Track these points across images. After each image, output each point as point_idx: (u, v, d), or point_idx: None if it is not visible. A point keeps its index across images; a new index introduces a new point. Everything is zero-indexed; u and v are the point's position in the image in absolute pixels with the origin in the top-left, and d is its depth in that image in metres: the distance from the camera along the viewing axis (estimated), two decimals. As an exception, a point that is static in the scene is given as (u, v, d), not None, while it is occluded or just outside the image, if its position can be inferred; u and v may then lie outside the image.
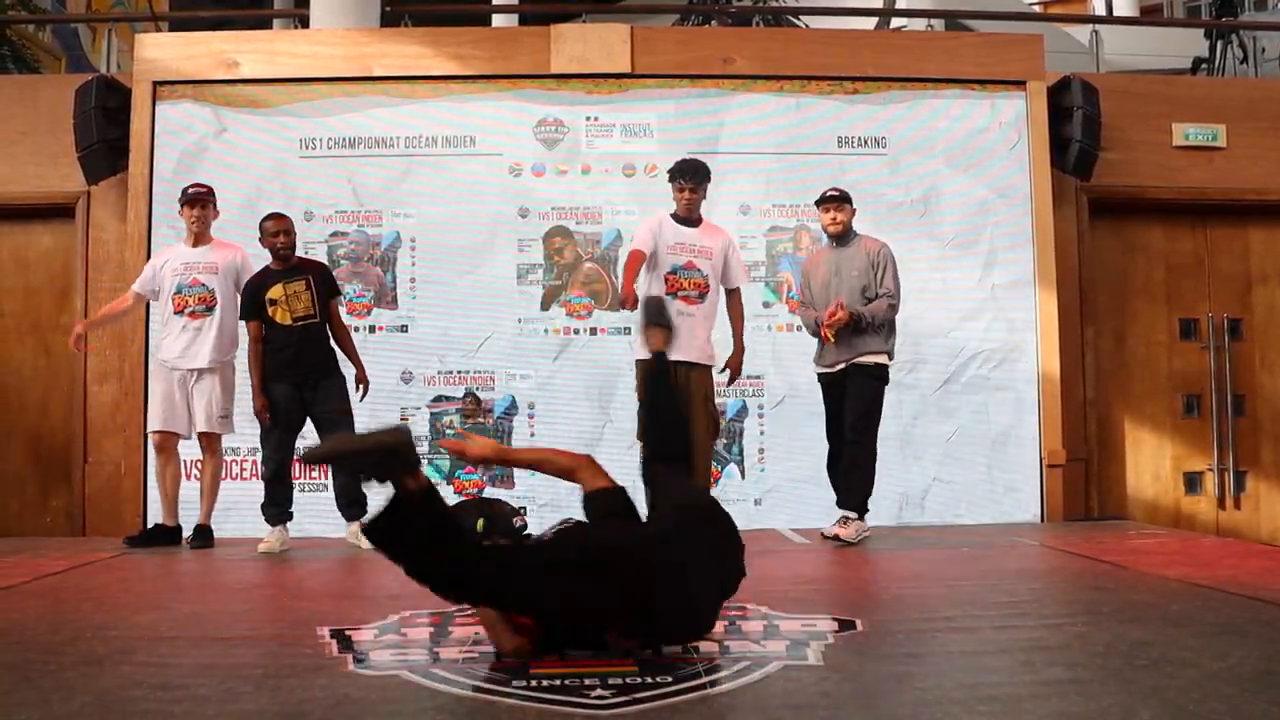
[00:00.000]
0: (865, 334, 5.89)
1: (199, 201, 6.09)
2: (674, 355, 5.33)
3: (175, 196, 6.61)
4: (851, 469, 5.92)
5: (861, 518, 5.90)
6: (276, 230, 5.97)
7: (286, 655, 3.05)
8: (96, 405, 7.23)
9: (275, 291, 5.91)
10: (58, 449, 7.41)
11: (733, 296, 5.99)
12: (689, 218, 5.90)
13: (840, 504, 5.96)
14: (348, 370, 6.05)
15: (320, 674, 2.78)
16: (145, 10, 10.47)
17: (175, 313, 6.01)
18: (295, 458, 6.04)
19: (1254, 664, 2.77)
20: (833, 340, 5.86)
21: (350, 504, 5.92)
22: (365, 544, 5.72)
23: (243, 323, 6.02)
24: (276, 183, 7.11)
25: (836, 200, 6.07)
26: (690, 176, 5.89)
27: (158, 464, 6.09)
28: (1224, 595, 3.86)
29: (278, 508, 5.92)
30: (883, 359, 5.94)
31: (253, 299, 5.95)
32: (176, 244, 6.26)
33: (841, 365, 5.94)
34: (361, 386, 6.03)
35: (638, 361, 5.61)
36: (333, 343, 6.03)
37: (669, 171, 5.99)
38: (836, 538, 5.82)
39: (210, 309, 6.00)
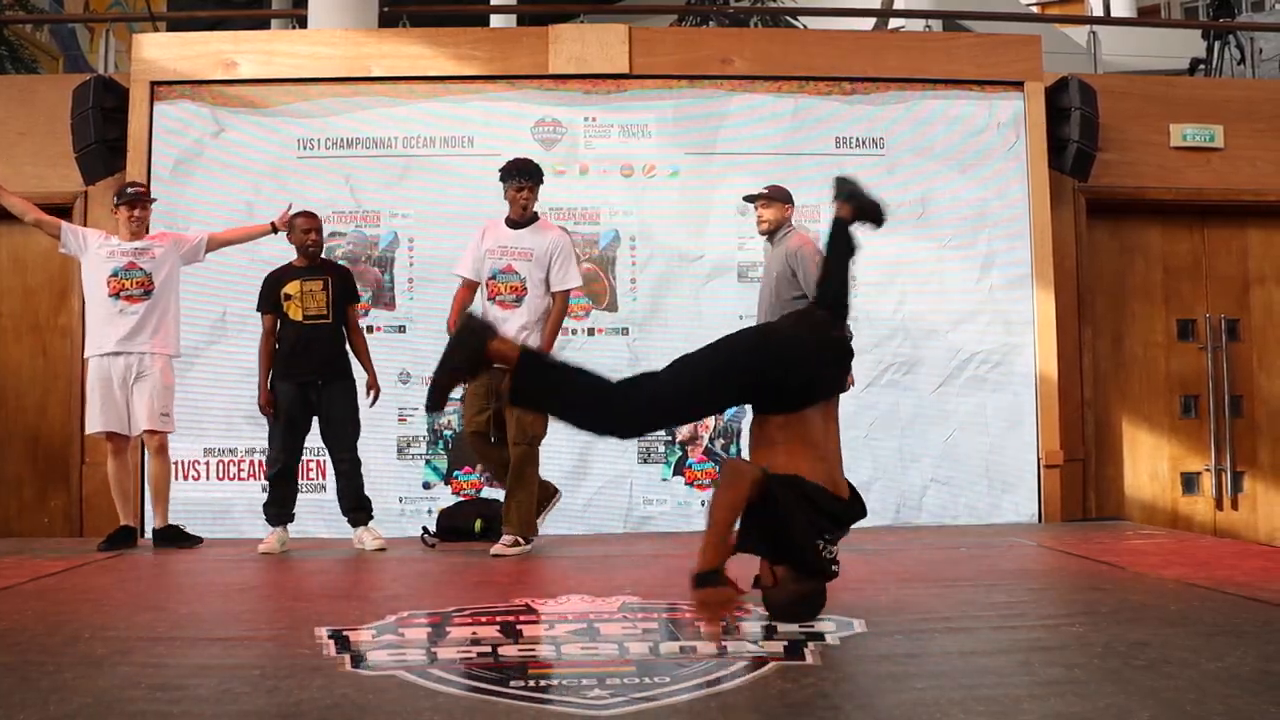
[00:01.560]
0: None
1: (140, 203, 6.03)
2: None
3: (174, 197, 6.64)
4: None
5: None
6: (308, 228, 5.96)
7: (284, 656, 3.05)
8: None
9: (292, 287, 5.88)
10: (56, 450, 7.40)
11: (557, 299, 5.83)
12: (521, 219, 5.82)
13: None
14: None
15: (318, 674, 2.78)
16: (143, 10, 10.47)
17: (110, 295, 5.86)
18: (302, 459, 6.00)
19: (1252, 664, 2.77)
20: None
21: (354, 509, 5.90)
22: (370, 546, 5.75)
23: (258, 314, 5.97)
24: (274, 183, 7.10)
25: (760, 198, 6.02)
26: (528, 176, 5.83)
27: (113, 466, 5.96)
28: (1221, 595, 3.86)
29: (279, 508, 5.87)
30: None
31: (269, 292, 5.93)
32: (103, 233, 6.10)
33: None
34: (372, 393, 5.97)
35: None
36: (346, 347, 5.97)
37: (500, 171, 5.91)
38: None
39: (148, 293, 5.89)
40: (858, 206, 3.91)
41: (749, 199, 6.11)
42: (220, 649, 3.22)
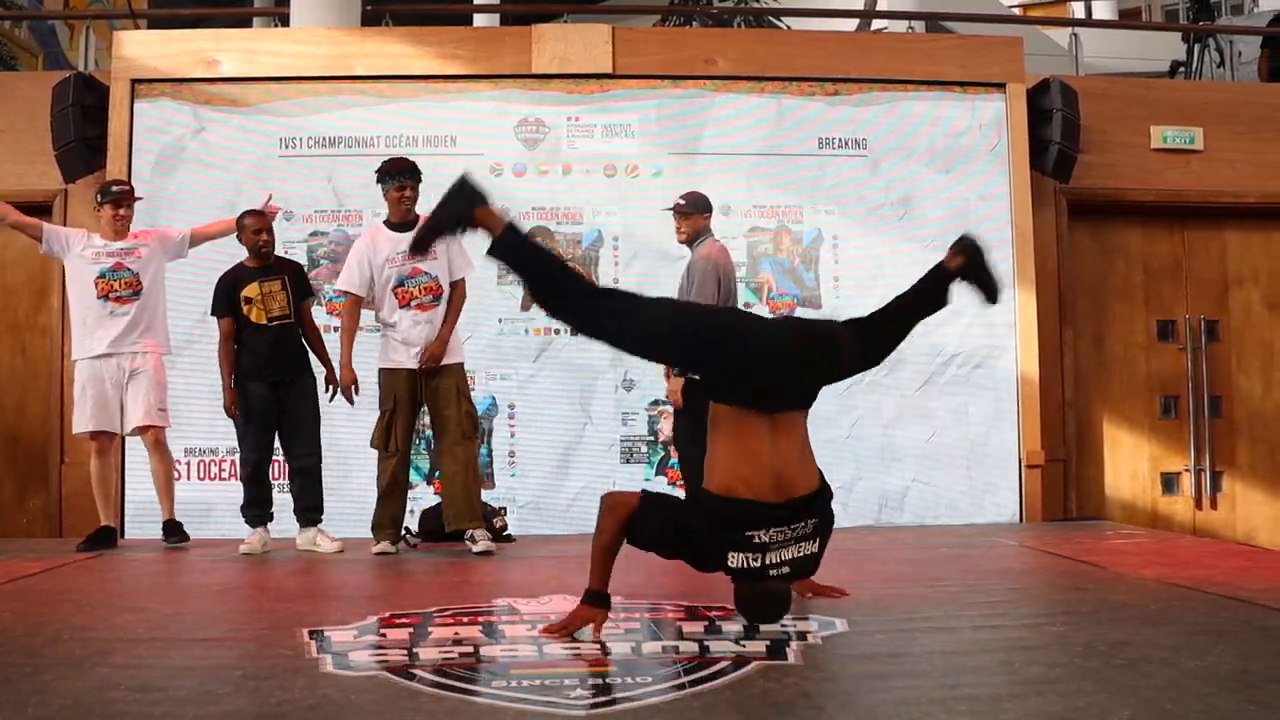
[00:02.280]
0: None
1: (124, 201, 5.98)
2: (408, 365, 5.62)
3: (154, 195, 6.59)
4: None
5: None
6: (259, 228, 5.88)
7: (265, 656, 3.04)
8: (74, 406, 7.16)
9: (251, 290, 5.81)
10: (35, 450, 7.35)
11: (456, 288, 5.76)
12: (404, 221, 5.64)
13: None
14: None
15: (299, 675, 2.77)
16: (124, 7, 10.41)
17: (99, 297, 5.83)
18: (274, 458, 5.97)
19: (1230, 663, 2.79)
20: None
21: (307, 509, 5.85)
22: (328, 549, 5.72)
23: (213, 318, 5.90)
24: (256, 182, 7.05)
25: (676, 209, 6.02)
26: (409, 175, 5.72)
27: (97, 465, 5.92)
28: (1201, 595, 3.88)
29: (258, 509, 5.84)
30: None
31: (226, 295, 5.84)
32: (85, 232, 6.05)
33: None
34: (331, 387, 5.90)
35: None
36: (305, 343, 5.95)
37: (376, 172, 5.81)
38: None
39: (137, 293, 5.87)
40: (973, 266, 3.88)
41: (670, 209, 6.09)
42: (201, 650, 3.20)
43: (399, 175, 5.70)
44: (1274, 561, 5.37)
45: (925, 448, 7.24)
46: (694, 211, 5.99)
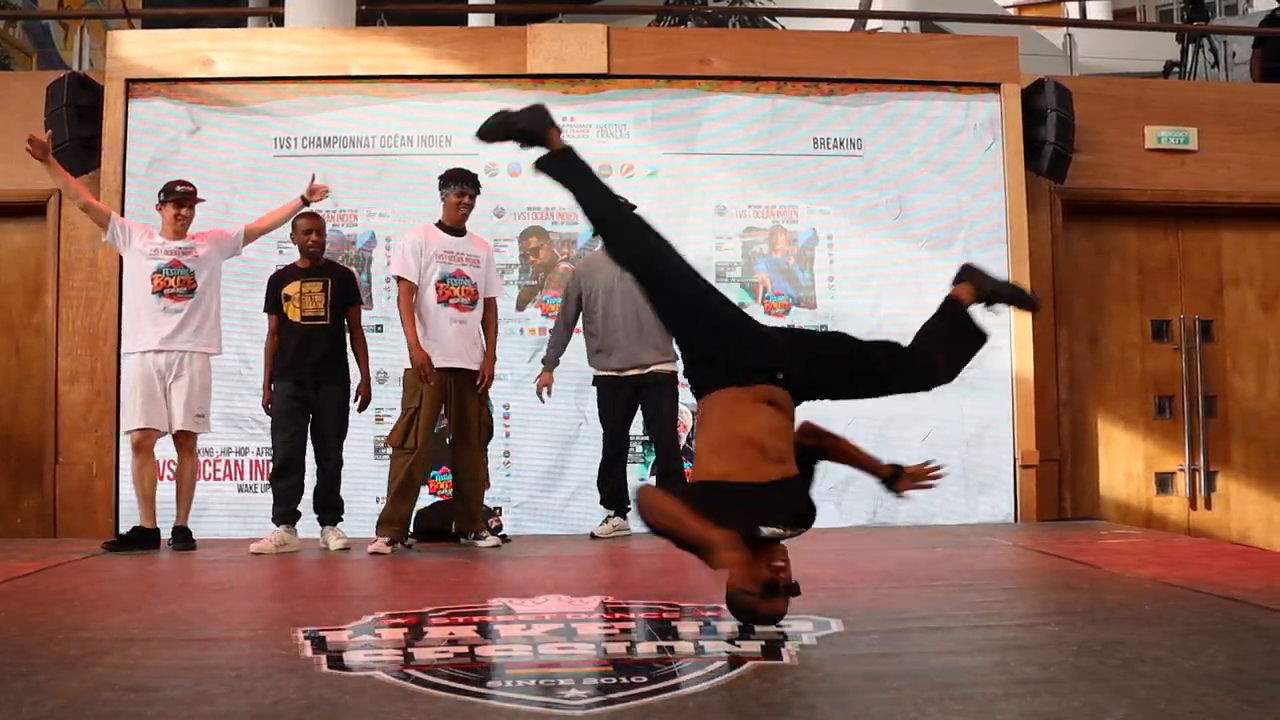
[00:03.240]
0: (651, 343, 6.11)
1: (189, 202, 6.03)
2: (449, 363, 5.78)
3: (149, 195, 6.56)
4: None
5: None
6: (309, 229, 6.00)
7: (260, 656, 3.03)
8: (68, 406, 7.16)
9: (292, 288, 5.94)
10: (29, 450, 7.34)
11: (489, 306, 6.09)
12: (457, 227, 5.98)
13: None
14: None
15: (294, 675, 2.77)
16: (118, 7, 10.39)
17: (154, 292, 5.88)
18: (303, 457, 5.98)
19: (1225, 662, 2.79)
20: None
21: (327, 509, 5.90)
22: (334, 545, 5.74)
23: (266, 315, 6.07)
24: (251, 182, 7.06)
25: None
26: (471, 185, 6.01)
27: (136, 463, 5.93)
28: (1195, 595, 3.89)
29: (282, 507, 5.87)
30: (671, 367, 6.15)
31: (271, 292, 6.01)
32: (148, 228, 6.10)
33: (633, 372, 6.19)
34: (360, 398, 6.02)
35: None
36: (346, 350, 6.04)
37: (440, 178, 6.04)
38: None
39: (191, 292, 5.91)
40: (986, 290, 3.81)
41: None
42: (196, 650, 3.20)
43: (461, 183, 5.98)
44: (1268, 561, 5.38)
45: (920, 447, 7.22)
46: None
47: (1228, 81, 9.28)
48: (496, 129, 3.76)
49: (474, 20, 13.10)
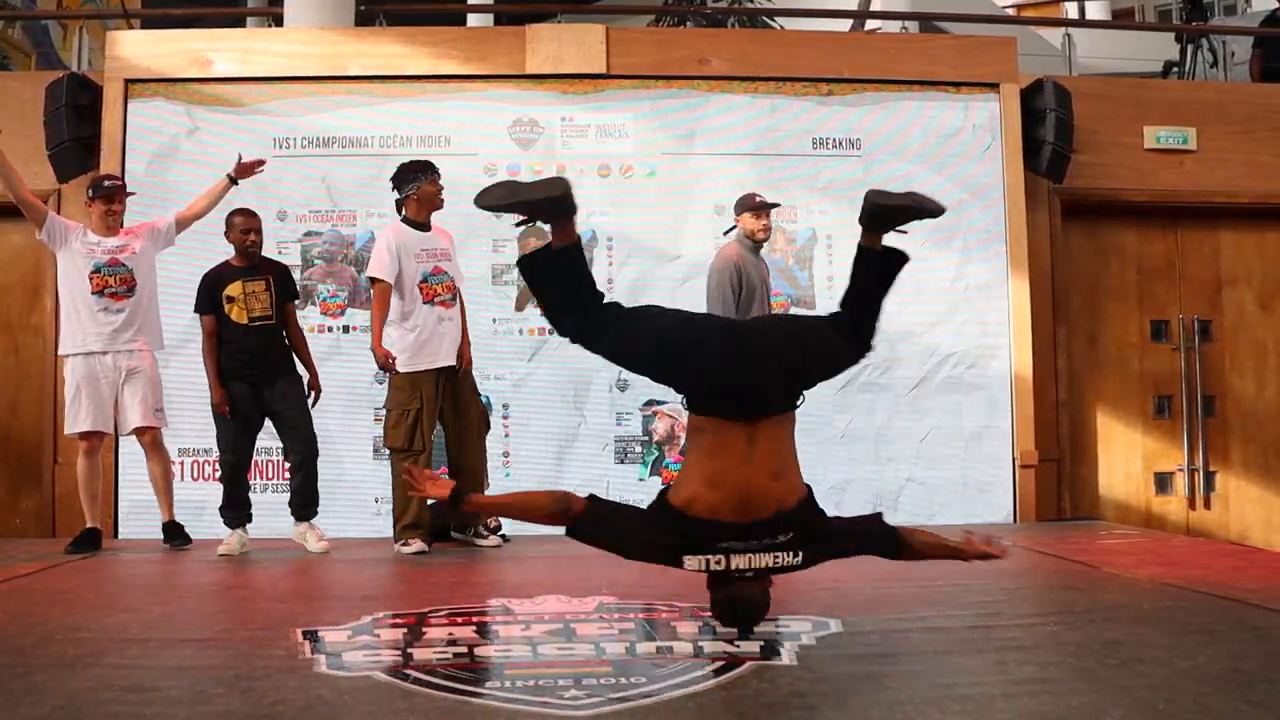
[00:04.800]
0: None
1: (119, 196, 5.96)
2: (442, 363, 5.77)
3: (148, 195, 6.57)
4: None
5: None
6: (247, 228, 5.89)
7: (259, 657, 3.03)
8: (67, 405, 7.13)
9: (234, 289, 5.82)
10: (28, 450, 7.33)
11: (459, 295, 6.05)
12: (424, 222, 5.93)
13: None
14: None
15: (293, 675, 2.77)
16: (117, 7, 10.39)
17: (94, 293, 5.77)
18: (253, 458, 5.98)
19: (1223, 662, 2.79)
20: None
21: (305, 504, 5.85)
22: (312, 546, 5.71)
23: (197, 316, 5.92)
24: (250, 182, 7.02)
25: (772, 207, 6.28)
26: (438, 173, 5.98)
27: (85, 466, 5.83)
28: (1194, 595, 3.89)
29: (235, 510, 5.84)
30: None
31: (209, 293, 5.85)
32: (82, 226, 5.96)
33: None
34: (314, 393, 5.94)
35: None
36: (288, 345, 5.96)
37: (407, 170, 5.95)
38: None
39: (132, 290, 5.84)
40: (885, 220, 3.57)
41: (766, 205, 6.26)
42: (194, 650, 3.20)
43: (434, 170, 5.96)
44: (1267, 561, 5.39)
45: (919, 447, 7.24)
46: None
47: (1227, 81, 9.29)
48: (502, 198, 3.34)
49: (473, 20, 13.08)
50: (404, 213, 5.95)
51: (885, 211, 3.46)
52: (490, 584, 4.63)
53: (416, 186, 5.89)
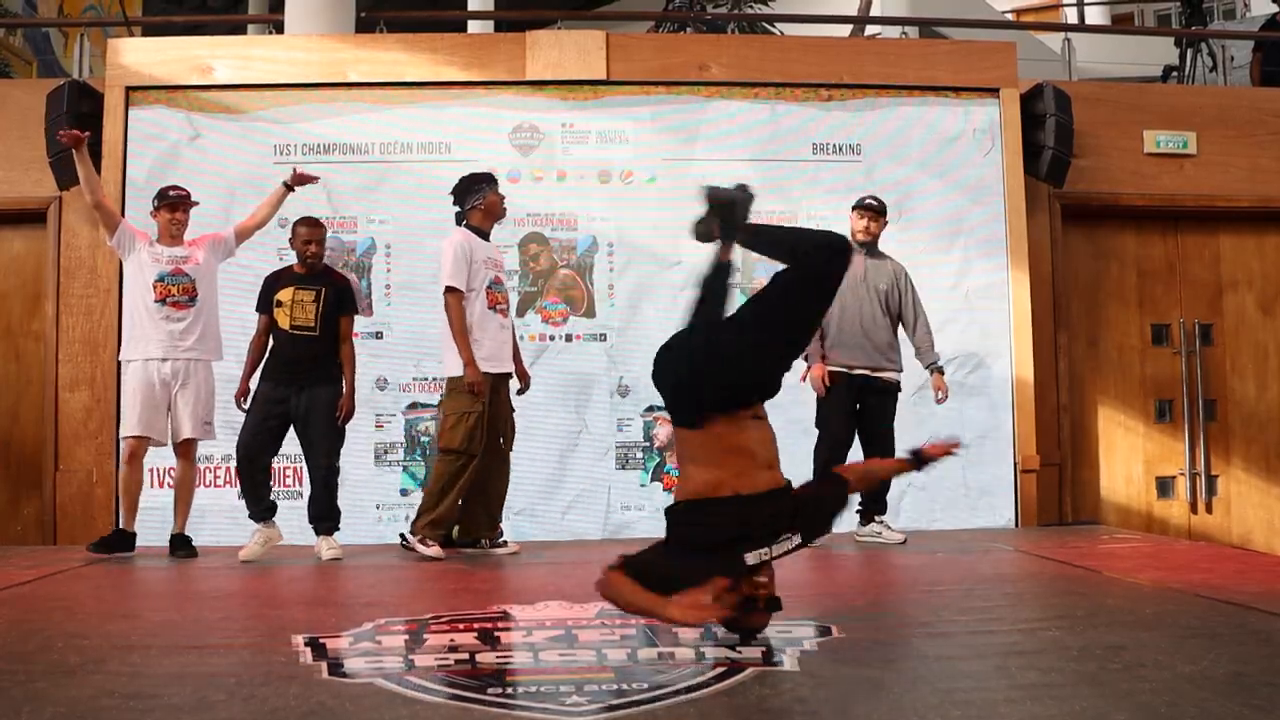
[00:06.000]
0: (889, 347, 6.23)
1: (183, 206, 6.01)
2: (500, 368, 5.83)
3: (149, 202, 6.55)
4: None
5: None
6: (309, 239, 5.98)
7: (260, 663, 3.03)
8: (68, 412, 7.15)
9: (284, 294, 5.91)
10: (28, 456, 7.34)
11: None
12: (487, 231, 5.97)
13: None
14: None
15: (294, 682, 2.77)
16: (118, 15, 10.41)
17: (156, 301, 5.84)
18: (271, 458, 5.94)
19: (1226, 667, 2.79)
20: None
21: (322, 518, 5.86)
22: (326, 555, 5.70)
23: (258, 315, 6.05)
24: (250, 189, 7.04)
25: (874, 209, 6.33)
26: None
27: (127, 470, 5.90)
28: (1196, 599, 3.89)
29: (251, 504, 5.84)
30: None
31: (265, 294, 6.00)
32: (149, 235, 6.03)
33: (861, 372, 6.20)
34: (343, 411, 5.93)
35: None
36: (336, 357, 5.96)
37: (469, 181, 5.97)
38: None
39: (193, 300, 5.89)
40: (723, 222, 3.77)
41: (866, 206, 6.34)
42: (195, 657, 3.20)
43: (496, 181, 6.05)
44: (1269, 565, 5.39)
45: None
46: (884, 215, 6.39)
47: (1226, 86, 9.31)
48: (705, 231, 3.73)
49: (473, 27, 13.13)
50: (467, 222, 5.95)
51: (723, 206, 3.75)
52: (492, 590, 4.63)
53: (481, 197, 5.93)
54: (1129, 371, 8.00)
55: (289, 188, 6.15)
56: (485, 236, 5.94)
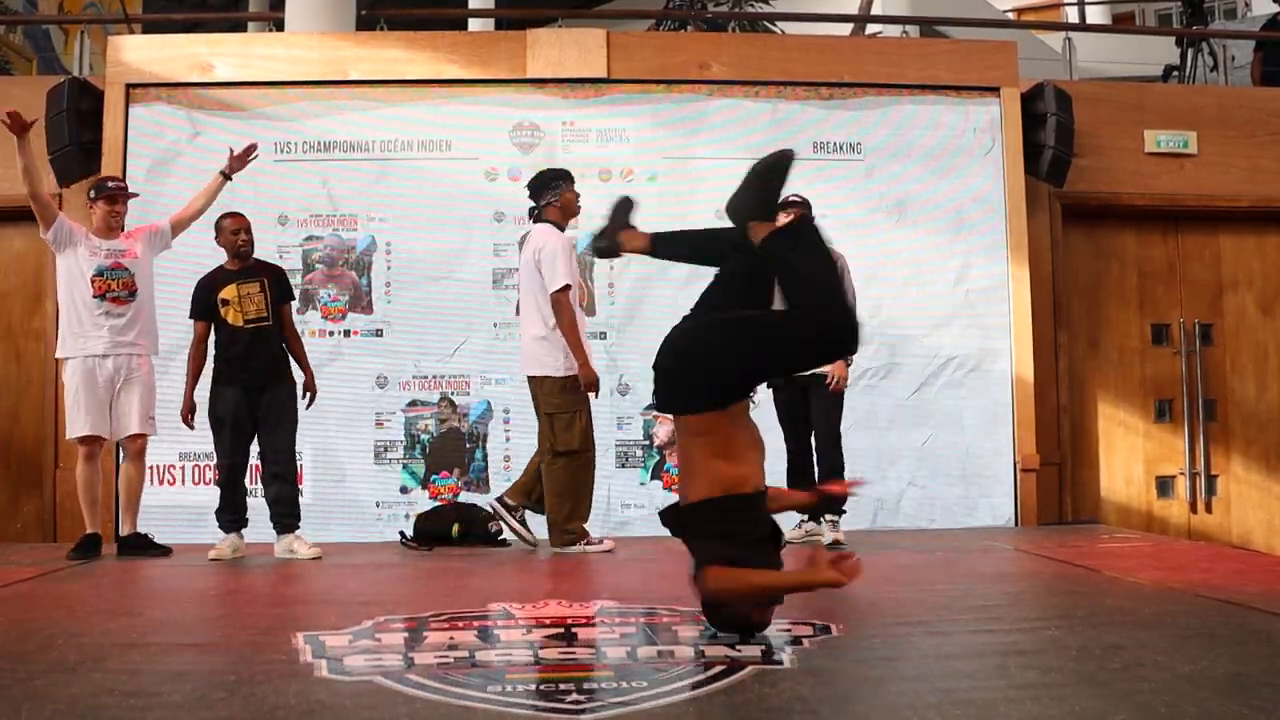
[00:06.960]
0: None
1: (122, 198, 5.92)
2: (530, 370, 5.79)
3: (150, 200, 6.56)
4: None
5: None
6: (237, 229, 5.86)
7: (259, 661, 3.03)
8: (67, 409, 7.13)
9: (229, 292, 5.79)
10: (29, 455, 7.34)
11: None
12: (562, 226, 5.92)
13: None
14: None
15: (293, 680, 2.76)
16: (119, 12, 10.40)
17: (95, 296, 5.72)
18: (252, 462, 5.93)
19: (1225, 667, 2.79)
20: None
21: (283, 516, 5.81)
22: (306, 555, 5.67)
23: (191, 321, 5.90)
24: (250, 186, 7.04)
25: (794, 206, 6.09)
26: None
27: (85, 470, 5.76)
28: (1195, 599, 3.89)
29: (231, 515, 5.80)
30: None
31: (203, 298, 5.83)
32: (85, 229, 5.89)
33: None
34: (309, 395, 5.91)
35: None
36: (284, 348, 5.92)
37: (546, 177, 5.94)
38: (836, 542, 5.88)
39: (133, 294, 5.79)
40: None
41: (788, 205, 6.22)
42: (194, 655, 3.20)
43: (573, 178, 5.97)
44: (1268, 565, 5.39)
45: (920, 451, 7.24)
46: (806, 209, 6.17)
47: (1227, 85, 9.30)
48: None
49: (474, 25, 13.11)
50: (545, 219, 5.90)
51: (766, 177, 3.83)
52: (491, 588, 4.62)
53: (558, 194, 5.88)
54: (1129, 371, 8.00)
55: (226, 176, 6.03)
56: (562, 232, 5.90)
